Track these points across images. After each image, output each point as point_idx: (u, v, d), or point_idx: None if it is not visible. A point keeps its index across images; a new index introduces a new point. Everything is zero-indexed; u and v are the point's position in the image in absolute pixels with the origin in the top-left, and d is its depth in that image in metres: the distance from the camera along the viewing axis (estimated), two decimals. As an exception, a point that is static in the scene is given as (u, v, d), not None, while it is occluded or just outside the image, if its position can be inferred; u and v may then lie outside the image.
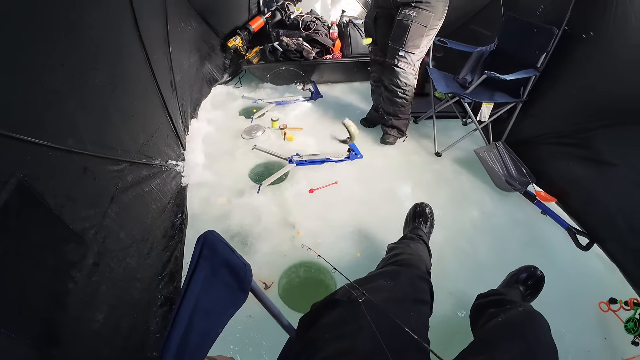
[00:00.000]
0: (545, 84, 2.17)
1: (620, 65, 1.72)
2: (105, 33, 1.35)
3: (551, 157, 2.13)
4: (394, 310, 0.72)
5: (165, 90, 1.94)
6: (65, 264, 0.94)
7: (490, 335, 0.86)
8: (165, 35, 2.11)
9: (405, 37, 2.08)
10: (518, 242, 1.83)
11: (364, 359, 0.60)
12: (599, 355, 1.41)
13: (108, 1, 1.39)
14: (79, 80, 1.13)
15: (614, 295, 1.54)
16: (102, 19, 1.32)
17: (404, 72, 2.19)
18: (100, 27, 1.31)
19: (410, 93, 2.31)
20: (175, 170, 1.90)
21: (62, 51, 1.05)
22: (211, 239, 0.72)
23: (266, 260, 1.61)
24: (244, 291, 0.69)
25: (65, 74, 1.06)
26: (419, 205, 1.60)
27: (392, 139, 2.44)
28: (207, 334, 0.64)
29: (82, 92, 1.15)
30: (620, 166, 1.71)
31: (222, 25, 2.98)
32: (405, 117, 2.41)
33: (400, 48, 2.11)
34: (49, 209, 0.90)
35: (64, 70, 1.06)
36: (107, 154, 1.27)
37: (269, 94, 3.00)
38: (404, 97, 2.30)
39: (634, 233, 1.62)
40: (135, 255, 1.32)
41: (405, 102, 2.32)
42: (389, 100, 2.32)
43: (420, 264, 1.02)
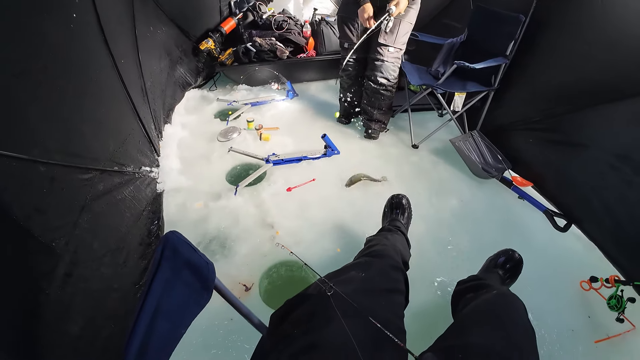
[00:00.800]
0: (515, 72, 2.21)
1: (585, 50, 1.76)
2: (69, 39, 1.30)
3: (525, 143, 2.17)
4: (364, 301, 0.71)
5: (136, 96, 1.90)
6: (35, 276, 0.92)
7: (466, 320, 0.85)
8: (133, 40, 2.06)
9: (395, 34, 2.13)
10: (497, 227, 1.85)
11: (333, 350, 0.59)
12: (584, 334, 1.43)
13: (70, 6, 1.34)
14: (43, 88, 1.10)
15: (595, 273, 1.56)
16: (64, 25, 1.28)
17: (393, 65, 2.26)
18: (63, 33, 1.27)
19: (395, 86, 2.38)
20: (149, 177, 1.86)
21: (23, 59, 1.02)
22: (172, 240, 0.69)
23: (246, 262, 1.59)
24: (208, 290, 0.67)
25: (27, 82, 1.03)
26: (395, 196, 1.60)
27: (376, 133, 2.49)
28: (170, 336, 0.62)
29: (47, 101, 1.12)
30: (591, 147, 1.75)
31: (194, 28, 2.94)
32: (389, 110, 2.47)
33: (390, 45, 2.17)
34: (17, 221, 0.88)
35: (27, 79, 1.02)
36: (75, 163, 1.23)
37: (244, 95, 2.96)
38: (391, 90, 2.36)
39: (609, 212, 1.66)
40: (111, 265, 1.29)
41: (391, 95, 2.38)
42: (376, 94, 2.35)
43: (393, 254, 1.01)
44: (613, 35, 1.62)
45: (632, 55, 1.53)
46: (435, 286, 1.54)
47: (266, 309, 1.43)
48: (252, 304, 1.44)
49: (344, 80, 2.51)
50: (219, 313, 1.37)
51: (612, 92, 1.63)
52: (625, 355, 1.38)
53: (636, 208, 1.53)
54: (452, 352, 0.71)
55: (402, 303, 0.84)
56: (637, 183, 1.53)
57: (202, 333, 1.34)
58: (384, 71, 2.27)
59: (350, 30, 2.26)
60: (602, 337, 1.42)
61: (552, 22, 1.96)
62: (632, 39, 1.53)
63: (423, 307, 1.45)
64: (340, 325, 0.60)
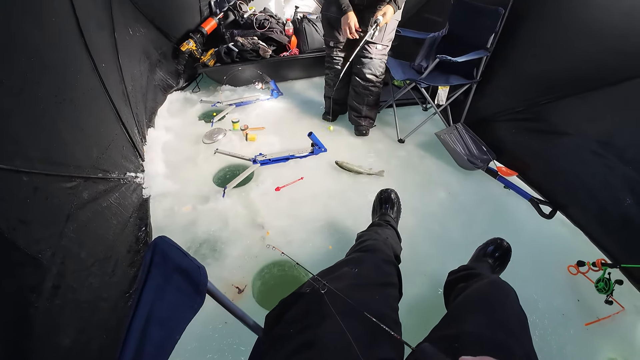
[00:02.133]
0: (497, 64, 2.25)
1: (565, 40, 1.80)
2: (48, 44, 1.27)
3: (509, 133, 2.20)
4: (359, 296, 0.71)
5: (118, 100, 1.86)
6: (23, 289, 0.90)
7: (458, 309, 0.86)
8: (113, 43, 2.02)
9: (383, 32, 2.15)
10: (485, 217, 1.89)
11: (330, 347, 0.59)
12: (574, 317, 1.46)
13: (48, 11, 1.31)
14: (23, 96, 1.06)
15: (581, 257, 1.60)
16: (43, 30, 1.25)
17: (380, 62, 2.28)
18: (42, 38, 1.23)
19: (382, 82, 2.41)
20: (135, 183, 1.82)
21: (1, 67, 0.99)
22: (161, 245, 0.68)
23: (238, 264, 1.58)
24: (200, 294, 0.67)
25: (7, 91, 0.99)
26: (384, 191, 1.61)
27: (366, 129, 2.50)
28: (164, 342, 0.61)
29: (27, 109, 1.08)
30: (572, 135, 1.79)
31: (174, 30, 2.89)
32: (376, 105, 2.48)
33: (378, 42, 2.19)
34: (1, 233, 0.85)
35: (6, 87, 0.99)
36: (58, 172, 1.20)
37: (228, 96, 2.93)
38: (378, 86, 2.38)
39: (593, 197, 1.70)
40: (99, 274, 1.27)
41: (379, 90, 2.41)
42: (365, 91, 2.36)
43: (385, 248, 1.01)
44: (592, 25, 1.66)
45: (611, 43, 1.57)
46: (428, 278, 1.55)
47: (260, 310, 1.42)
48: (246, 305, 1.43)
49: (329, 78, 2.51)
50: (213, 317, 1.36)
51: (593, 80, 1.67)
52: (616, 336, 1.42)
53: (619, 192, 1.57)
54: (447, 341, 0.72)
55: (396, 296, 0.85)
56: (620, 168, 1.57)
57: (197, 338, 1.32)
58: (372, 68, 2.28)
59: (335, 29, 2.25)
60: (592, 319, 1.45)
61: (531, 13, 1.99)
62: (611, 28, 1.57)
63: (417, 299, 1.46)
64: (336, 322, 0.61)
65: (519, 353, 0.68)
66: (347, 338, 0.58)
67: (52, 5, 1.33)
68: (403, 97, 2.58)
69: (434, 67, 2.19)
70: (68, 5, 1.47)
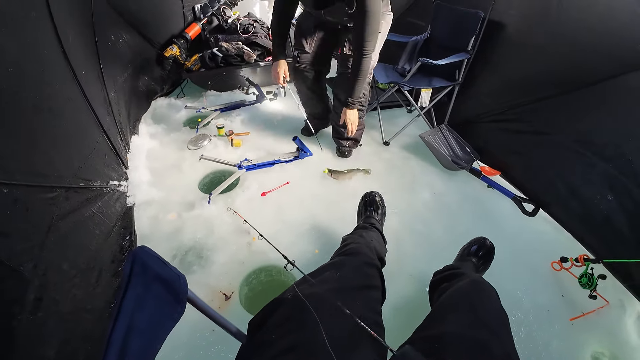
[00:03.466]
0: (479, 66, 2.30)
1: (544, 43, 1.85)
2: (25, 54, 1.25)
3: (491, 134, 2.25)
4: (340, 300, 0.72)
5: (99, 108, 1.83)
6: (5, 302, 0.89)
7: (440, 309, 0.87)
8: (94, 50, 2.00)
9: None
10: (469, 217, 1.91)
11: (311, 351, 0.59)
12: (559, 313, 1.49)
13: (25, 20, 1.29)
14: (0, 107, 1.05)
15: (564, 254, 1.63)
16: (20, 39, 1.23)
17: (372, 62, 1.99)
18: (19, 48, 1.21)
19: (367, 103, 2.20)
20: (118, 191, 1.80)
21: None
22: (141, 255, 0.68)
23: (224, 271, 1.57)
24: (181, 303, 0.66)
25: None
26: (368, 194, 1.62)
27: (349, 151, 2.33)
28: (145, 353, 0.61)
29: (5, 119, 1.07)
30: (552, 134, 1.84)
31: (157, 35, 2.86)
32: (361, 127, 2.24)
33: None
34: None
35: None
36: (39, 182, 1.18)
37: (212, 101, 2.91)
38: (363, 107, 2.14)
39: (574, 194, 1.74)
40: (82, 285, 1.25)
41: (363, 113, 2.17)
42: None
43: (367, 251, 1.02)
44: (568, 28, 1.71)
45: (587, 45, 1.62)
46: (414, 278, 1.57)
47: (248, 316, 1.41)
48: (233, 312, 1.42)
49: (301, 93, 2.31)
50: (199, 325, 1.34)
51: (571, 81, 1.72)
52: (601, 330, 1.45)
53: (600, 189, 1.62)
54: (429, 341, 0.73)
55: (378, 299, 0.86)
56: (600, 165, 1.61)
57: (184, 347, 1.31)
58: None
59: (305, 40, 2.06)
60: (577, 314, 1.48)
61: (511, 17, 2.04)
62: (588, 30, 1.62)
63: (403, 301, 1.47)
64: (316, 326, 0.61)
65: (499, 352, 0.69)
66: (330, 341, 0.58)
67: (29, 14, 1.31)
68: (387, 100, 2.60)
69: (416, 70, 2.21)
70: (46, 14, 1.45)
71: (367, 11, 1.62)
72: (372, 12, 1.63)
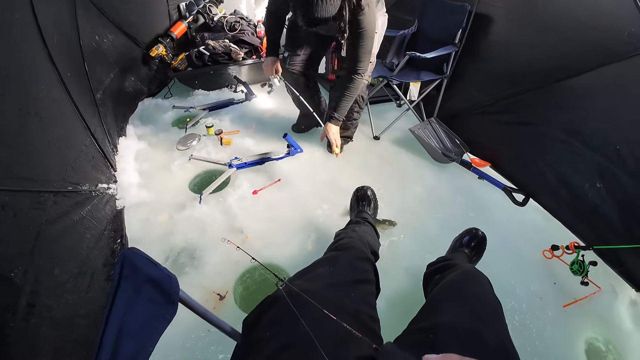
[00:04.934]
0: (466, 59, 2.31)
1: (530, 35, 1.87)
2: (10, 57, 1.23)
3: (480, 126, 2.26)
4: (334, 295, 0.72)
5: (85, 110, 1.81)
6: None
7: (434, 300, 0.88)
8: (79, 52, 1.96)
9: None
10: (461, 208, 1.93)
11: (305, 348, 0.59)
12: (552, 300, 1.51)
13: (9, 22, 1.27)
14: None
15: (555, 242, 1.65)
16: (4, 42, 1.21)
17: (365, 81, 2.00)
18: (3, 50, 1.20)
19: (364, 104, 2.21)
20: (107, 194, 1.78)
21: None
22: (130, 257, 0.67)
23: (218, 271, 1.55)
24: (173, 304, 0.66)
25: None
26: (360, 189, 1.62)
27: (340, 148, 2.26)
28: (137, 355, 0.60)
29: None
30: (540, 125, 1.86)
31: (142, 35, 2.82)
32: (355, 126, 2.30)
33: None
34: None
35: None
36: (26, 187, 1.17)
37: (200, 100, 2.88)
38: (359, 112, 2.20)
39: (563, 183, 1.76)
40: (75, 290, 1.24)
41: (359, 115, 2.23)
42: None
43: (360, 245, 1.02)
44: (555, 18, 1.73)
45: (574, 35, 1.64)
46: (408, 272, 1.57)
47: (244, 315, 1.38)
48: (228, 312, 1.41)
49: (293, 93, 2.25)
50: (195, 326, 1.34)
51: (558, 72, 1.74)
52: (594, 316, 1.48)
53: (589, 177, 1.64)
54: (423, 333, 0.73)
55: (372, 292, 0.86)
56: (587, 154, 1.64)
57: (180, 349, 1.29)
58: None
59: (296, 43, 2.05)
60: (570, 301, 1.50)
61: (498, 9, 2.05)
62: (574, 20, 1.64)
63: (398, 294, 1.48)
64: (310, 322, 0.61)
65: (492, 341, 0.69)
66: (322, 339, 0.58)
67: (13, 16, 1.29)
68: (377, 95, 2.60)
69: (405, 64, 2.22)
70: (30, 16, 1.43)
71: (362, 30, 1.60)
72: (367, 30, 1.62)
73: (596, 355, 1.41)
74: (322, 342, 0.58)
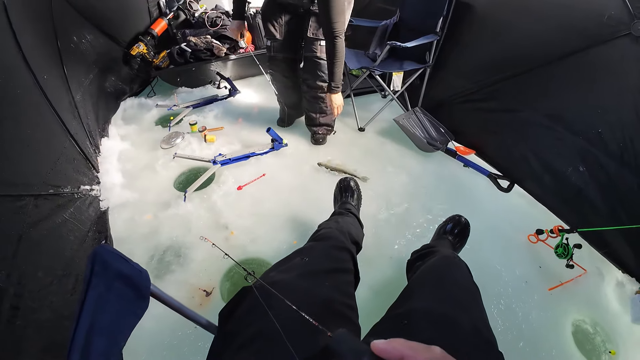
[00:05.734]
0: (449, 47, 2.31)
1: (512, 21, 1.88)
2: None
3: (464, 114, 2.27)
4: (307, 284, 0.72)
5: (64, 112, 1.78)
6: None
7: (411, 286, 0.88)
8: (56, 53, 1.93)
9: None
10: (446, 196, 1.94)
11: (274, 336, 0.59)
12: (537, 284, 1.53)
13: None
14: None
15: (540, 226, 1.67)
16: None
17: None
18: None
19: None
20: (90, 196, 1.76)
21: None
22: (102, 254, 0.66)
23: (204, 267, 1.55)
24: (144, 299, 0.65)
25: None
26: (343, 180, 1.62)
27: (322, 138, 2.31)
28: (108, 352, 0.60)
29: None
30: (523, 111, 1.87)
31: (122, 33, 2.76)
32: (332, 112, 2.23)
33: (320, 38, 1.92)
34: None
35: None
36: (5, 192, 1.17)
37: (184, 98, 2.85)
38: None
39: (547, 168, 1.78)
40: (60, 292, 1.24)
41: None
42: (316, 99, 2.15)
43: (338, 234, 1.02)
44: (536, 3, 1.73)
45: (555, 20, 1.65)
46: (393, 260, 1.58)
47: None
48: (215, 308, 1.41)
49: (274, 84, 2.30)
50: (181, 323, 1.32)
51: (539, 57, 1.74)
52: (580, 298, 1.50)
53: (571, 162, 1.66)
54: (399, 319, 0.73)
55: (350, 281, 0.85)
56: (569, 139, 1.65)
57: (167, 346, 1.30)
58: (322, 72, 2.02)
59: (273, 27, 2.04)
60: (555, 284, 1.52)
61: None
62: (554, 5, 1.64)
63: (383, 283, 1.49)
64: (280, 312, 0.61)
65: (467, 326, 0.69)
66: (293, 326, 0.59)
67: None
68: (361, 86, 2.59)
69: (387, 54, 2.21)
70: (3, 18, 1.40)
71: None
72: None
73: (584, 337, 1.43)
74: (293, 330, 0.58)
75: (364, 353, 0.33)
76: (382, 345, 0.32)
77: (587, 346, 1.40)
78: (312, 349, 0.59)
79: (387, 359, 0.32)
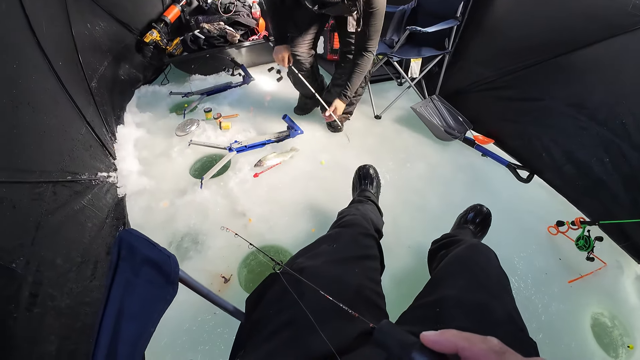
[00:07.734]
0: (468, 34, 2.25)
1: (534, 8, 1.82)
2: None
3: (483, 103, 2.22)
4: (336, 271, 0.71)
5: (80, 99, 1.78)
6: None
7: (439, 275, 0.86)
8: (71, 40, 1.92)
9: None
10: (464, 186, 1.91)
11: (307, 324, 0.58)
12: (557, 276, 1.51)
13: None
14: None
15: (561, 218, 1.63)
16: None
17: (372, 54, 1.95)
18: None
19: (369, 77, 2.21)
20: (108, 182, 1.76)
21: None
22: (128, 238, 0.66)
23: (221, 255, 1.55)
24: (173, 284, 0.64)
25: None
26: (362, 167, 1.60)
27: (339, 125, 2.26)
28: (138, 337, 0.59)
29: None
30: (544, 100, 1.82)
31: (135, 21, 2.75)
32: (358, 101, 2.30)
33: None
34: None
35: None
36: (23, 178, 1.16)
37: (198, 85, 2.83)
38: (363, 87, 2.20)
39: (568, 158, 1.74)
40: (79, 279, 1.25)
41: (364, 89, 2.25)
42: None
43: (363, 221, 1.01)
44: None
45: (578, 8, 1.60)
46: (412, 250, 1.57)
47: (249, 297, 1.41)
48: (233, 294, 1.42)
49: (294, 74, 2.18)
50: (201, 309, 1.35)
51: (562, 45, 1.69)
52: (600, 291, 1.47)
53: (594, 152, 1.62)
54: (428, 307, 0.72)
55: (377, 268, 0.84)
56: (592, 128, 1.61)
57: (186, 332, 1.31)
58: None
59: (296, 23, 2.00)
60: (575, 276, 1.50)
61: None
62: None
63: (403, 272, 1.48)
64: (312, 299, 0.60)
65: (500, 313, 0.68)
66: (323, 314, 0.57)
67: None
68: (377, 73, 2.55)
69: (405, 40, 2.16)
70: (17, 5, 1.38)
71: (374, 9, 1.62)
72: (379, 9, 1.64)
73: (602, 330, 1.40)
74: (326, 318, 0.57)
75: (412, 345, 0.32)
76: (433, 337, 0.30)
77: (605, 339, 1.37)
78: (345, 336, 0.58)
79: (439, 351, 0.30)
